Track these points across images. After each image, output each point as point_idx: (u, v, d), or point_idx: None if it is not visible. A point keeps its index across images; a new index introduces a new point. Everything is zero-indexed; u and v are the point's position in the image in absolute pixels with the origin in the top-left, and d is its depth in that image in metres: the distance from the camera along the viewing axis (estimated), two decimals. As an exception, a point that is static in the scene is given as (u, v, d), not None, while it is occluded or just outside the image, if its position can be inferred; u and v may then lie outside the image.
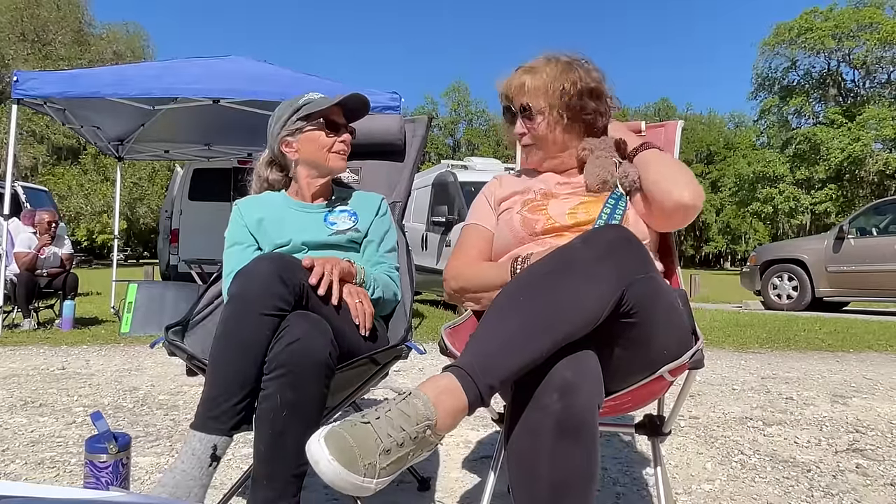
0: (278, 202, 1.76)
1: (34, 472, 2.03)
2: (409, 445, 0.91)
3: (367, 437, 0.90)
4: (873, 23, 30.14)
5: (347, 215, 1.74)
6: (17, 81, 5.28)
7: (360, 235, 1.73)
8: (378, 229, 1.77)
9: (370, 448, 0.89)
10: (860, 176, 30.09)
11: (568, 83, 1.50)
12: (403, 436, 0.91)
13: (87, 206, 28.63)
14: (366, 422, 0.92)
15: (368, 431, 0.90)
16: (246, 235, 1.72)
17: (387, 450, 0.90)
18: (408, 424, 0.91)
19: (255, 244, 1.72)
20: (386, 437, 0.90)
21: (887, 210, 8.82)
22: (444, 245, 7.87)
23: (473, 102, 56.00)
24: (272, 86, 5.52)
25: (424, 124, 2.21)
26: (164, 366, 3.95)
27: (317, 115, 1.70)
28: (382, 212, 1.81)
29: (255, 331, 1.29)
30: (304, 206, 1.75)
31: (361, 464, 0.88)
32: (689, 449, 2.40)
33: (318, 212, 1.74)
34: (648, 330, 1.10)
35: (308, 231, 1.68)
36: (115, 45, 32.79)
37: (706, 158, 50.34)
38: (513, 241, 1.48)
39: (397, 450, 0.91)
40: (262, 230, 1.71)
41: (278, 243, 1.67)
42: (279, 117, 1.74)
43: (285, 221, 1.70)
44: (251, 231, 1.72)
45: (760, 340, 5.49)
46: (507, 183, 1.63)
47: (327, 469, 0.88)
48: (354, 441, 0.89)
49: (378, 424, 0.91)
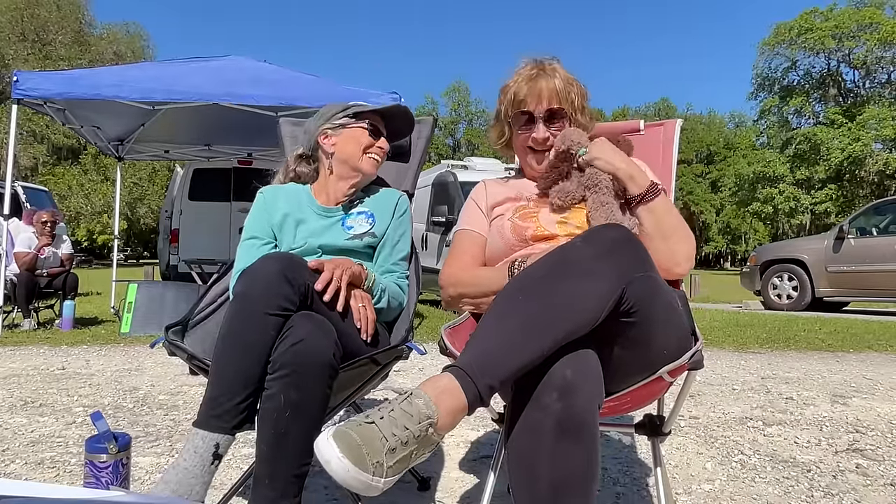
0: (302, 200, 1.75)
1: (34, 472, 2.04)
2: (412, 444, 0.92)
3: (373, 436, 0.90)
4: (873, 23, 30.14)
5: (365, 217, 1.73)
6: (17, 81, 5.28)
7: (377, 240, 1.73)
8: (394, 232, 1.76)
9: (377, 447, 0.90)
10: (860, 176, 30.07)
11: (574, 88, 1.52)
12: (407, 435, 0.91)
13: (88, 206, 28.63)
14: (370, 422, 0.92)
15: (374, 431, 0.91)
16: (266, 230, 1.72)
17: (392, 449, 0.90)
18: (411, 423, 0.92)
19: (273, 241, 1.72)
20: (391, 436, 0.91)
21: (887, 210, 8.82)
22: (443, 245, 7.88)
23: (473, 102, 56.05)
24: (271, 89, 5.53)
25: (430, 125, 2.21)
26: (164, 366, 3.95)
27: (365, 116, 1.74)
28: (401, 212, 1.79)
29: (259, 330, 1.29)
30: (324, 209, 1.74)
31: (370, 462, 0.89)
32: (689, 449, 2.40)
33: (335, 216, 1.73)
34: (648, 329, 1.10)
35: (325, 235, 1.69)
36: (115, 45, 32.79)
37: (706, 158, 50.32)
38: (503, 247, 1.48)
39: (402, 448, 0.91)
40: (285, 229, 1.71)
41: (294, 246, 1.67)
42: (323, 114, 1.77)
43: (304, 223, 1.70)
44: (272, 226, 1.72)
45: (760, 340, 5.49)
46: (497, 188, 1.63)
47: (338, 467, 0.88)
48: (362, 440, 0.90)
49: (382, 424, 0.92)
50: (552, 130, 1.51)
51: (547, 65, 1.53)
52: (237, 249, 1.71)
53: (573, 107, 1.52)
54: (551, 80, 1.50)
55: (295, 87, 5.73)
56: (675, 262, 1.36)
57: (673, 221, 1.39)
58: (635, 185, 1.40)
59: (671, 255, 1.36)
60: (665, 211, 1.39)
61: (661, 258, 1.33)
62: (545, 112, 1.50)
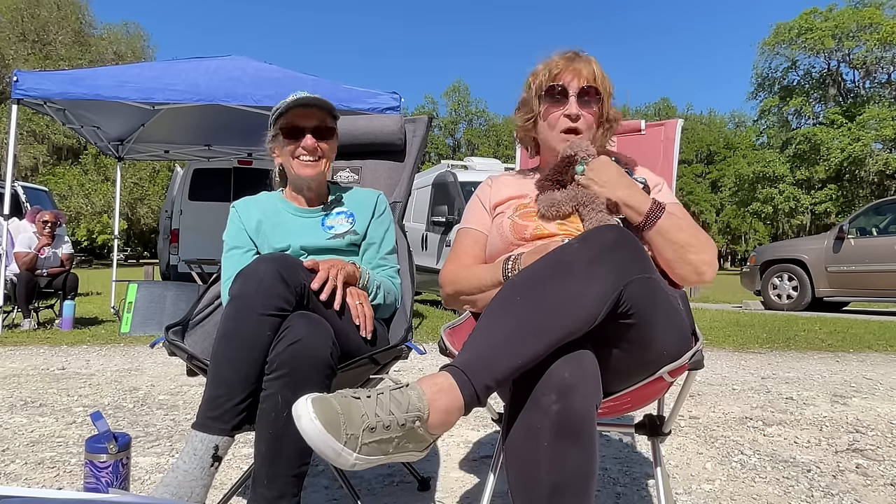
0: (276, 205, 1.75)
1: (34, 472, 2.03)
2: (395, 431, 0.92)
3: (354, 410, 0.91)
4: (873, 23, 30.11)
5: (344, 217, 1.73)
6: (17, 81, 5.29)
7: (359, 237, 1.72)
8: (377, 230, 1.76)
9: (355, 421, 0.90)
10: (860, 176, 30.06)
11: (608, 81, 1.52)
12: (391, 419, 0.92)
13: (88, 206, 28.65)
14: (356, 397, 0.93)
15: (357, 405, 0.92)
16: (245, 239, 1.71)
17: (371, 427, 0.91)
18: (398, 410, 0.92)
19: (253, 248, 1.71)
20: (373, 415, 0.91)
21: (887, 210, 8.82)
22: (444, 245, 7.88)
23: (473, 102, 55.97)
24: (271, 88, 5.53)
25: (425, 124, 2.21)
26: (164, 366, 3.95)
27: (278, 123, 1.67)
28: (380, 211, 1.79)
29: (256, 331, 1.29)
30: (300, 210, 1.74)
31: (344, 432, 0.89)
32: (689, 449, 2.40)
33: (314, 216, 1.73)
34: (647, 331, 1.10)
35: (306, 235, 1.68)
36: (115, 45, 32.83)
37: (706, 158, 50.28)
38: (502, 245, 1.47)
39: (382, 431, 0.91)
40: (262, 234, 1.70)
41: (277, 248, 1.67)
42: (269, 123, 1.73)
43: (283, 226, 1.70)
44: (250, 234, 1.71)
45: (760, 340, 5.49)
46: (502, 185, 1.62)
47: (308, 427, 0.89)
48: (342, 410, 0.90)
49: (367, 402, 0.92)
50: (583, 111, 1.48)
51: (582, 52, 1.54)
52: (221, 261, 1.71)
53: (607, 94, 1.51)
54: (589, 63, 1.50)
55: (295, 87, 5.71)
56: (698, 273, 1.32)
57: (684, 237, 1.33)
58: (634, 212, 1.35)
59: (693, 270, 1.32)
60: (673, 229, 1.33)
61: (684, 274, 1.32)
62: (579, 88, 1.48)
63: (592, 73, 1.49)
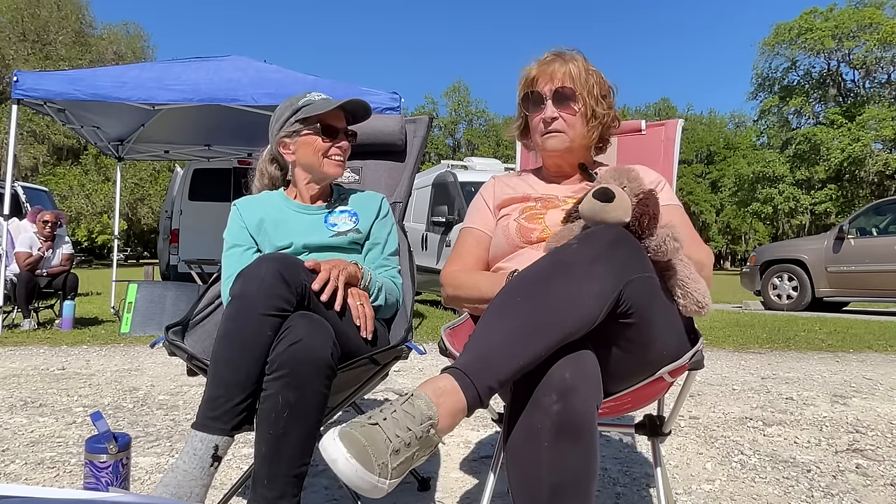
0: (277, 203, 1.75)
1: (34, 472, 2.03)
2: (414, 446, 0.92)
3: (377, 437, 0.90)
4: (873, 23, 30.11)
5: (348, 216, 1.73)
6: (17, 82, 5.29)
7: (362, 236, 1.72)
8: (380, 231, 1.76)
9: (381, 448, 0.90)
10: (860, 176, 30.05)
11: (594, 77, 1.50)
12: (409, 436, 0.91)
13: (88, 206, 28.64)
14: (374, 423, 0.92)
15: (378, 432, 0.91)
16: (245, 237, 1.71)
17: (396, 450, 0.90)
18: (413, 424, 0.92)
19: (254, 246, 1.71)
20: (394, 437, 0.91)
21: (887, 210, 8.82)
22: (444, 245, 7.87)
23: (473, 102, 55.96)
24: (271, 88, 5.53)
25: (425, 124, 2.21)
26: (164, 366, 3.95)
27: (314, 119, 1.68)
28: (384, 213, 1.79)
29: (256, 331, 1.29)
30: (303, 207, 1.74)
31: (375, 464, 0.89)
32: (689, 449, 2.40)
33: (318, 213, 1.73)
34: (647, 330, 1.10)
35: (309, 233, 1.67)
36: (115, 45, 32.83)
37: (706, 158, 50.27)
38: (507, 248, 1.47)
39: (405, 450, 0.91)
40: (263, 231, 1.70)
41: (279, 246, 1.66)
42: (278, 117, 1.73)
43: (286, 223, 1.69)
44: (251, 233, 1.71)
45: (760, 340, 5.49)
46: (507, 186, 1.61)
47: (346, 468, 0.88)
48: (366, 441, 0.90)
49: (386, 425, 0.92)
50: (562, 112, 1.48)
51: (566, 53, 1.53)
52: (222, 259, 1.71)
53: (590, 94, 1.49)
54: (566, 64, 1.49)
55: (295, 87, 5.72)
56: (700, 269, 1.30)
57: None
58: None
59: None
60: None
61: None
62: (554, 91, 1.48)
63: (568, 73, 1.48)
